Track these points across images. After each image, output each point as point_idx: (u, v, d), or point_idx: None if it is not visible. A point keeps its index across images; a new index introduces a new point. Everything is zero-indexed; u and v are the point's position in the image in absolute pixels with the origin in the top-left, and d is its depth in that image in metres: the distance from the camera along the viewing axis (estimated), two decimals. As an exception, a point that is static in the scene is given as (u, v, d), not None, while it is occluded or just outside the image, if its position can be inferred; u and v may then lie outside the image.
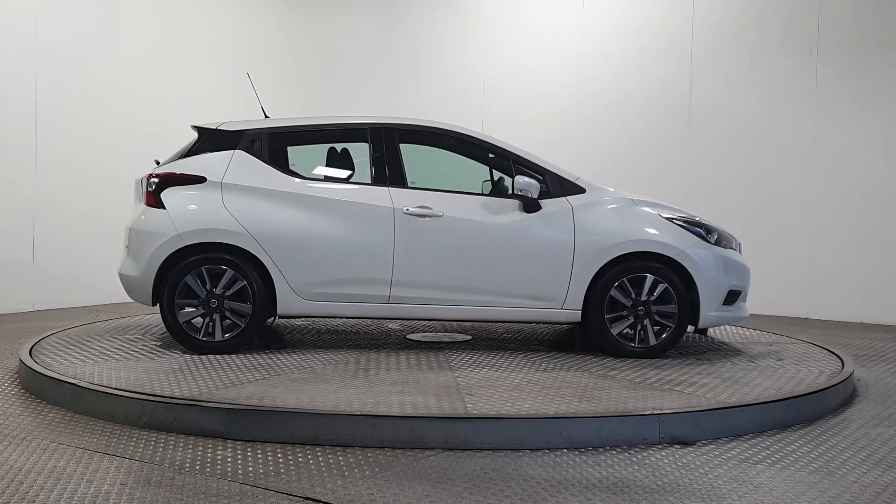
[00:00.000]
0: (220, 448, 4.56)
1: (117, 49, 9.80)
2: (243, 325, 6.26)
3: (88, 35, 9.56)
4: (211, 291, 6.22)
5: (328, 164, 6.75)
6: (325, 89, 12.06)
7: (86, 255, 9.48)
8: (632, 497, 3.95)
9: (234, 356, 6.14)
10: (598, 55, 11.01)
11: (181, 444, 4.62)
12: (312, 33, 12.07)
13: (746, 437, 4.95)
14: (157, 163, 6.73)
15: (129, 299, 6.70)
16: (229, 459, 4.38)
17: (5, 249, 8.98)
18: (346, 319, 7.70)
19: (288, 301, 6.31)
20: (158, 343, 6.65)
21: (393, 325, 7.66)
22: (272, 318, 6.44)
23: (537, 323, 7.06)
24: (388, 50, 12.53)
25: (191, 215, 6.27)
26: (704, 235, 6.56)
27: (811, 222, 9.85)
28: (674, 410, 4.93)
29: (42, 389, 5.58)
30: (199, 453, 4.48)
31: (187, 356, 6.14)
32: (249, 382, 5.37)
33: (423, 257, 6.35)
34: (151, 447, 4.58)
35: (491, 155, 6.78)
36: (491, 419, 4.71)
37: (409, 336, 7.18)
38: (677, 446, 4.75)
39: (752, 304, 9.86)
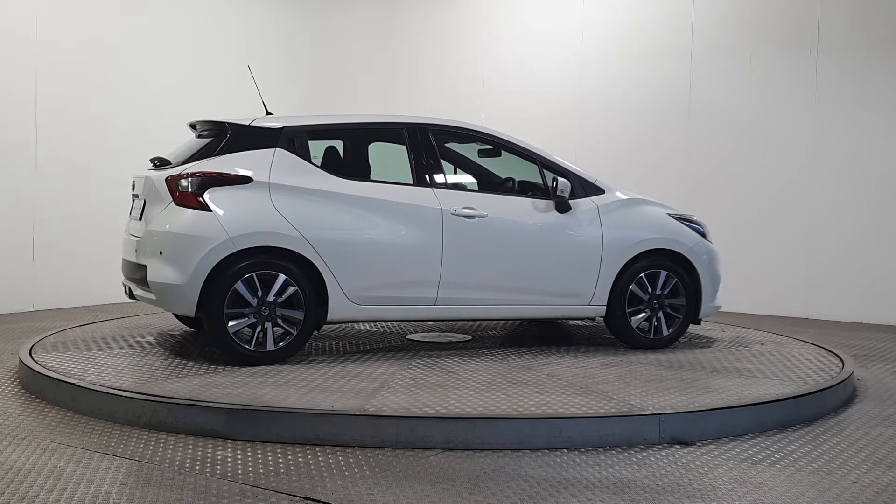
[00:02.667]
0: (220, 448, 4.56)
1: (117, 49, 9.79)
2: (295, 333, 5.94)
3: (88, 35, 9.55)
4: (262, 299, 5.84)
5: (324, 162, 6.49)
6: (324, 89, 12.04)
7: (86, 255, 9.47)
8: (632, 497, 3.95)
9: (282, 365, 5.85)
10: (598, 55, 11.00)
11: (181, 444, 4.62)
12: (312, 33, 12.06)
13: (746, 437, 4.95)
14: (159, 162, 6.46)
15: (127, 300, 6.61)
16: (229, 459, 4.38)
17: (5, 249, 8.98)
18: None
19: (340, 306, 6.04)
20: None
21: (365, 326, 7.59)
22: (321, 326, 6.19)
23: (566, 319, 7.48)
24: (388, 50, 12.52)
25: (242, 218, 5.84)
26: (703, 232, 7.11)
27: (811, 222, 9.85)
28: (674, 410, 4.93)
29: (42, 389, 5.58)
30: (199, 453, 4.48)
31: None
32: (377, 392, 5.16)
33: (470, 258, 6.37)
34: (151, 447, 4.58)
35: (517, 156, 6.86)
36: (491, 419, 4.71)
37: (409, 337, 7.17)
38: (677, 446, 4.75)
39: (753, 303, 9.95)
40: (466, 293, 6.39)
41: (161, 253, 5.88)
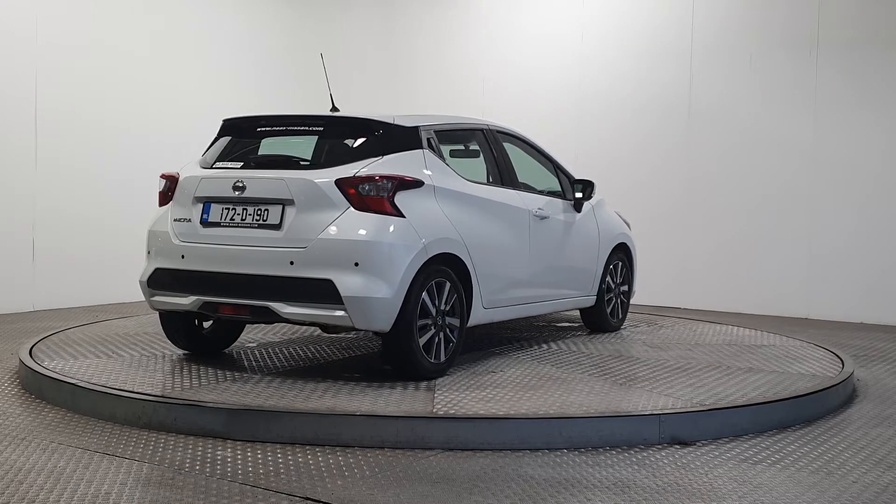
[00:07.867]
0: (220, 448, 4.56)
1: (117, 49, 9.78)
2: (455, 341, 5.69)
3: (88, 35, 9.54)
4: (439, 308, 5.55)
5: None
6: (324, 88, 12.02)
7: (86, 256, 9.46)
8: (632, 497, 3.95)
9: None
10: (598, 55, 10.99)
11: (181, 444, 4.62)
12: (312, 33, 12.04)
13: (746, 437, 4.95)
14: (260, 161, 5.89)
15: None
16: (229, 459, 4.38)
17: (5, 249, 8.97)
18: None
19: (477, 311, 5.89)
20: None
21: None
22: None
23: (572, 310, 7.74)
24: (388, 49, 12.52)
25: (428, 224, 5.50)
26: (630, 226, 7.92)
27: (811, 222, 9.84)
28: (674, 410, 4.93)
29: (42, 389, 5.58)
30: (199, 453, 4.48)
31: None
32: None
33: (542, 257, 6.63)
34: (151, 447, 4.57)
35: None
36: (491, 419, 4.71)
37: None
38: (677, 446, 4.75)
39: (752, 303, 9.94)
40: (536, 291, 6.63)
41: (357, 264, 5.25)
